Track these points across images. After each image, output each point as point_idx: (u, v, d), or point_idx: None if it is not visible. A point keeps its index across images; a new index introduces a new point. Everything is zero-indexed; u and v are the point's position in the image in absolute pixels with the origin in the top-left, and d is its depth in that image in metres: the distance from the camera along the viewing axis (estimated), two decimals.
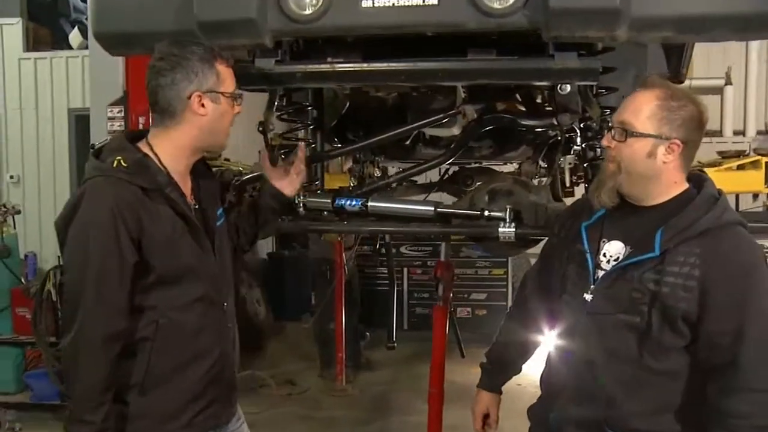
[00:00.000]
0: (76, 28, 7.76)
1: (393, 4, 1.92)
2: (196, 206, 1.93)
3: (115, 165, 1.76)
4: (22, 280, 5.38)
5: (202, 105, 1.82)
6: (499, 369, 2.16)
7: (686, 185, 1.78)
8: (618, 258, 1.78)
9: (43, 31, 8.24)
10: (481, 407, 2.14)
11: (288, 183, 2.25)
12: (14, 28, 7.89)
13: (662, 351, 1.70)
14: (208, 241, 1.91)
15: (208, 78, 1.81)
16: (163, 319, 1.80)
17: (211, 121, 1.84)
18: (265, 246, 7.95)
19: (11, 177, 7.91)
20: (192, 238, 1.85)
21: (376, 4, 1.93)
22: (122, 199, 1.73)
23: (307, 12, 1.96)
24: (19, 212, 5.37)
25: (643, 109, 1.72)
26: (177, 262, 1.81)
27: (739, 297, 1.64)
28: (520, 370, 2.18)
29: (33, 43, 8.01)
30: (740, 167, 4.88)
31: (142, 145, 1.85)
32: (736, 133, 7.84)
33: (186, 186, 1.91)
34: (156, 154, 1.84)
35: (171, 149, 1.85)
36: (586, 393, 1.79)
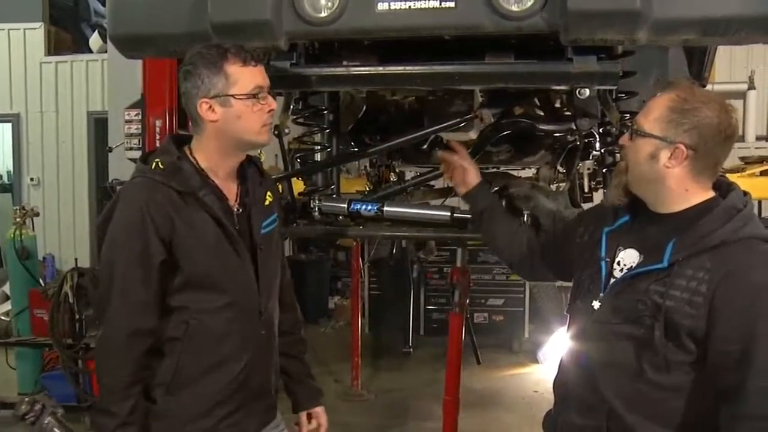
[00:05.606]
0: (96, 31, 7.86)
1: (409, 6, 1.88)
2: (239, 210, 1.90)
3: (153, 167, 1.81)
4: (41, 282, 5.41)
5: (213, 111, 1.79)
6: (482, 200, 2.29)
7: (710, 194, 1.69)
8: (631, 267, 1.72)
9: (64, 35, 8.36)
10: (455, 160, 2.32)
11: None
12: (36, 33, 8.00)
13: (666, 366, 1.62)
14: (246, 247, 1.88)
15: (214, 83, 1.77)
16: (194, 320, 1.82)
17: (225, 125, 1.80)
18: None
19: (31, 179, 8.01)
20: (228, 243, 1.83)
21: (392, 7, 1.89)
22: (153, 199, 1.76)
23: (323, 14, 1.93)
24: (37, 214, 5.41)
25: (653, 110, 1.67)
26: (207, 266, 1.82)
27: (746, 319, 1.53)
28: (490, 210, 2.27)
29: (54, 47, 8.12)
30: (763, 173, 4.81)
31: (186, 149, 1.88)
32: (759, 138, 7.72)
33: (230, 190, 1.90)
34: (195, 158, 1.86)
35: (204, 154, 1.86)
36: (588, 403, 1.74)
